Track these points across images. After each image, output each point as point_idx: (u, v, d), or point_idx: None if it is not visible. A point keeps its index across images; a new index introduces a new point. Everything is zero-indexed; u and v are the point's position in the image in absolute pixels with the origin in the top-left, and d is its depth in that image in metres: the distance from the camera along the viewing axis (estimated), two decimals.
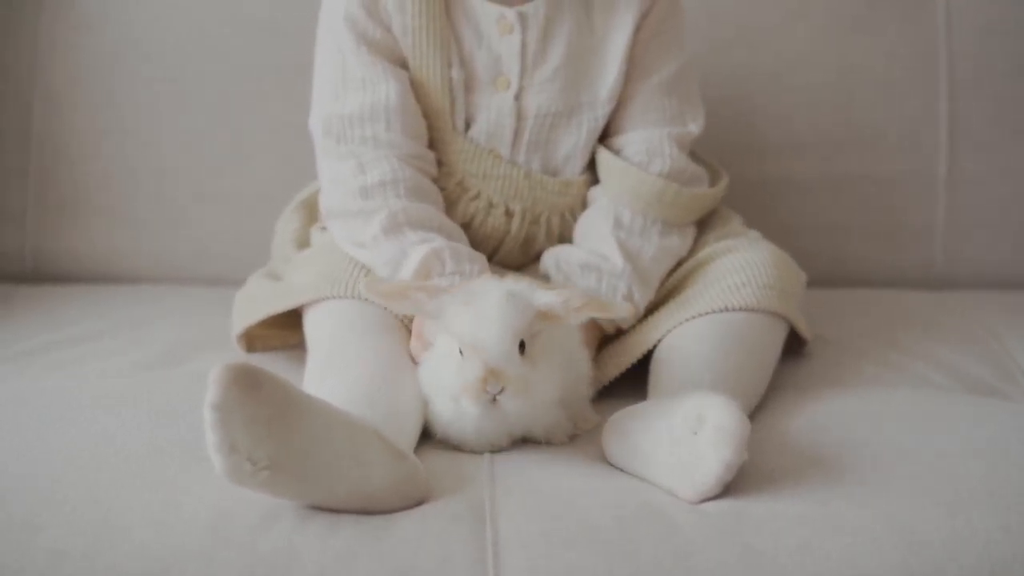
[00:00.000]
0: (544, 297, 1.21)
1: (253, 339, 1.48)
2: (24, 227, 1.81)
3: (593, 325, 1.40)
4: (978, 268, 1.83)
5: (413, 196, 1.39)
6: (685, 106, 1.50)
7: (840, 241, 1.83)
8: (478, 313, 1.18)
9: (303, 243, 1.54)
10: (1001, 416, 1.34)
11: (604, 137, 1.50)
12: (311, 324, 1.38)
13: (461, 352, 1.18)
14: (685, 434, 1.14)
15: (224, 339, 1.51)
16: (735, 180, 1.59)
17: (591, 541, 1.06)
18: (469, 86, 1.45)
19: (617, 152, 1.48)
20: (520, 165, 1.47)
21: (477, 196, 1.47)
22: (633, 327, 1.43)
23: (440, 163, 1.46)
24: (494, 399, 1.17)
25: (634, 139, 1.48)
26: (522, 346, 1.18)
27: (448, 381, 1.20)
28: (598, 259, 1.42)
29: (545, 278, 1.45)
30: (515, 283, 1.25)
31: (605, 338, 1.43)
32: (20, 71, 1.80)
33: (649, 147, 1.47)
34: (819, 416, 1.32)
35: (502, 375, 1.16)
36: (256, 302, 1.46)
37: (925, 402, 1.37)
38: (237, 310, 1.48)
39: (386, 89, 1.41)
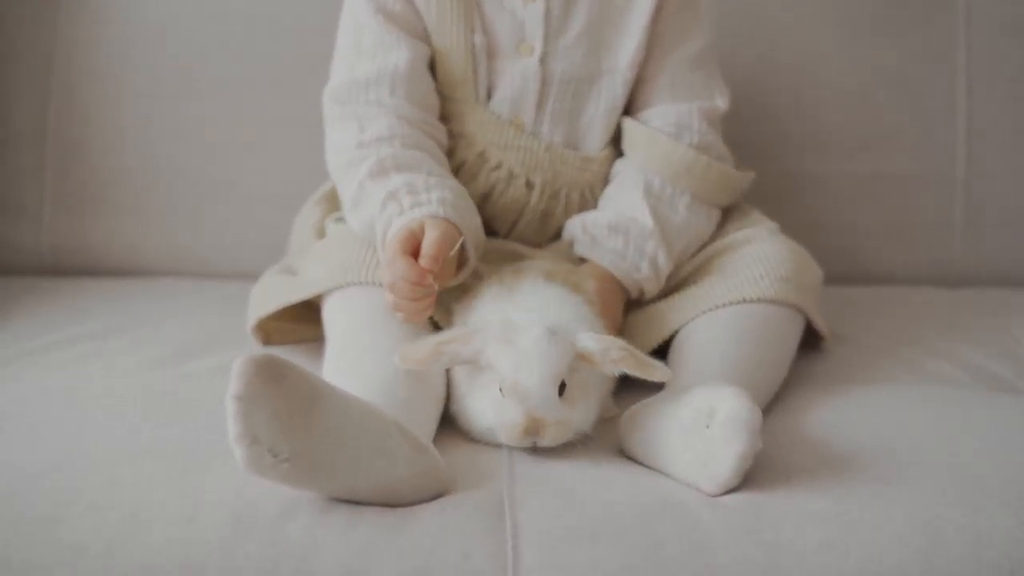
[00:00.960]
0: (584, 342, 1.19)
1: (269, 333, 1.48)
2: (41, 222, 1.81)
3: (617, 290, 1.41)
4: (996, 266, 1.83)
5: (408, 148, 1.38)
6: (711, 81, 1.50)
7: (858, 238, 1.83)
8: (519, 355, 1.16)
9: (323, 233, 1.54)
10: (1019, 413, 1.33)
11: (630, 113, 1.50)
12: (327, 314, 1.38)
13: (501, 391, 1.18)
14: (698, 427, 1.14)
15: (233, 337, 1.52)
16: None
17: (610, 535, 1.06)
18: (491, 52, 1.44)
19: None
20: (542, 137, 1.47)
21: (498, 167, 1.47)
22: (653, 302, 1.43)
23: (461, 135, 1.46)
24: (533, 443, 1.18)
25: (662, 112, 1.47)
26: (562, 387, 1.17)
27: (487, 410, 1.20)
28: (627, 221, 1.42)
29: (569, 246, 1.45)
30: (550, 287, 1.26)
31: (628, 303, 1.43)
32: (37, 67, 1.80)
33: (678, 120, 1.47)
34: (837, 412, 1.32)
35: (542, 423, 1.16)
36: (270, 295, 1.46)
37: (943, 399, 1.37)
38: (252, 304, 1.48)
39: (396, 57, 1.41)
